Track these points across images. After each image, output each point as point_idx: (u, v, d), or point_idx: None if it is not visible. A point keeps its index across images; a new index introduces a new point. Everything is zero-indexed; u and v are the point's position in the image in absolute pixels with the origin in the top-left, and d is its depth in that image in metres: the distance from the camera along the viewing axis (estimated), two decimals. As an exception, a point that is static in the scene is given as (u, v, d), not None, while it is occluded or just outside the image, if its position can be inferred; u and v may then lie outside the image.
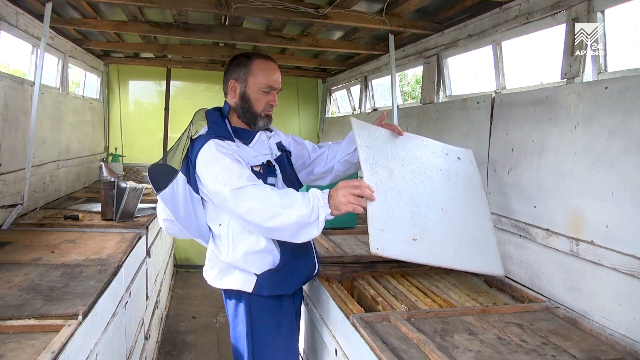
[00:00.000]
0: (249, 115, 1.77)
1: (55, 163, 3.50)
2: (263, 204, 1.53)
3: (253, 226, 1.59)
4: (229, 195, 1.55)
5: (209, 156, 1.62)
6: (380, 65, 4.19)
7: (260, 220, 1.54)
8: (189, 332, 3.87)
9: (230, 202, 1.56)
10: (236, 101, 1.77)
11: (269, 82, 1.75)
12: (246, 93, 1.75)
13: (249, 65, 1.74)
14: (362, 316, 1.66)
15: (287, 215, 1.51)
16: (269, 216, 1.52)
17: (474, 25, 2.66)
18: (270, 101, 1.77)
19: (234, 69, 1.77)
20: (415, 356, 1.40)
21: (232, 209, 1.58)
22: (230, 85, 1.77)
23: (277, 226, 1.53)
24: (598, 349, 1.50)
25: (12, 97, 2.71)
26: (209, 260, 1.79)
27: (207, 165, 1.62)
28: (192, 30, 3.42)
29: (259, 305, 1.73)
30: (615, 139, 1.67)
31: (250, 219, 1.56)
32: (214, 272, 1.76)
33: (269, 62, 1.78)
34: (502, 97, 2.35)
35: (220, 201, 1.62)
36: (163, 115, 5.30)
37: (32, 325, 1.42)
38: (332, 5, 2.70)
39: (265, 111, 1.78)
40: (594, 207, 1.74)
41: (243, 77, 1.74)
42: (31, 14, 2.96)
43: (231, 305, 1.77)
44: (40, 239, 2.38)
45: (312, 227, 1.53)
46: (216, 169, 1.60)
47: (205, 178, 1.63)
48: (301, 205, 1.51)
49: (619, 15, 1.83)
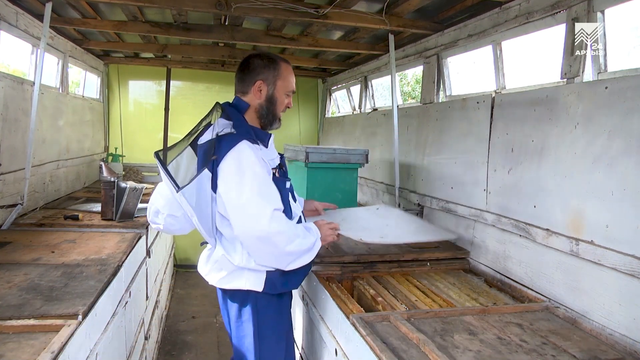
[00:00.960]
0: (270, 116, 1.79)
1: (55, 163, 3.50)
2: (288, 228, 1.62)
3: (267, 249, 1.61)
4: (268, 213, 1.56)
5: (242, 160, 1.60)
6: (380, 65, 4.19)
7: (283, 244, 1.60)
8: (189, 332, 3.87)
9: (261, 219, 1.56)
10: (261, 102, 1.77)
11: (292, 87, 1.82)
12: (274, 95, 1.78)
13: (279, 69, 1.77)
14: (362, 316, 1.66)
15: (301, 242, 1.64)
16: (291, 241, 1.61)
17: (473, 25, 2.66)
18: (288, 104, 1.84)
19: (262, 70, 1.76)
20: (415, 356, 1.40)
21: (257, 225, 1.56)
22: (257, 85, 1.76)
23: (293, 250, 1.63)
24: (598, 348, 1.50)
25: (12, 97, 2.71)
26: (216, 262, 1.74)
27: (238, 170, 1.59)
28: (192, 30, 3.42)
29: (264, 304, 1.74)
30: (615, 139, 1.67)
31: (275, 241, 1.58)
32: (222, 274, 1.74)
33: (290, 67, 1.84)
34: (502, 97, 2.35)
35: (238, 210, 1.59)
36: (163, 115, 5.30)
37: (32, 325, 1.42)
38: (332, 5, 2.70)
39: (281, 113, 1.84)
40: (594, 207, 1.74)
41: (272, 79, 1.76)
42: (31, 13, 2.96)
43: (235, 306, 1.77)
44: (40, 238, 2.38)
45: (310, 254, 1.70)
46: (251, 179, 1.59)
47: (231, 181, 1.59)
48: (308, 234, 1.70)
49: (618, 15, 1.83)
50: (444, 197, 2.83)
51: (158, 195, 1.76)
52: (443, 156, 2.89)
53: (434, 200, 2.93)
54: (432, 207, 2.97)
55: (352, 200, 2.98)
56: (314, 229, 1.75)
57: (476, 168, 2.50)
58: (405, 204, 3.24)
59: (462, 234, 2.61)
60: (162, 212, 1.72)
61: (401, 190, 3.22)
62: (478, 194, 2.48)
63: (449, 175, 2.79)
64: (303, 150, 2.89)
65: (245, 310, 1.74)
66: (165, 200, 1.72)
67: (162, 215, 1.73)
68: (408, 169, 3.34)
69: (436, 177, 2.96)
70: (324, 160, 2.89)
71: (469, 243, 2.54)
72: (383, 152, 3.89)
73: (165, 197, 1.72)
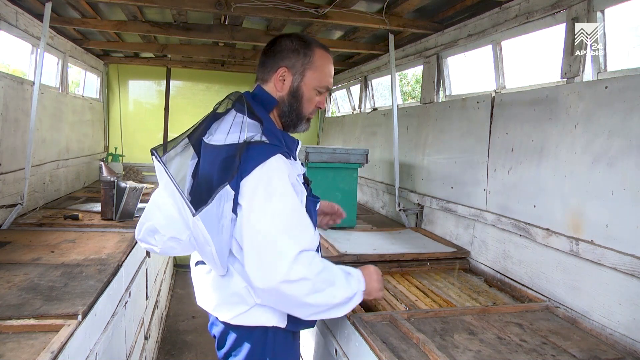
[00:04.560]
0: (293, 116, 1.42)
1: (55, 163, 3.50)
2: (316, 275, 1.26)
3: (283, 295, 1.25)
4: (291, 255, 1.22)
5: (272, 182, 1.26)
6: (380, 65, 4.19)
7: (303, 293, 1.25)
8: (188, 332, 3.87)
9: (281, 261, 1.22)
10: (282, 95, 1.41)
11: (327, 82, 1.43)
12: (300, 89, 1.40)
13: (310, 55, 1.39)
14: (362, 316, 1.66)
15: (333, 292, 1.29)
16: (317, 290, 1.26)
17: (473, 24, 2.66)
18: (319, 103, 1.45)
19: (288, 53, 1.39)
20: (415, 356, 1.40)
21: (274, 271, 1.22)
22: (280, 73, 1.39)
23: (313, 303, 1.27)
24: (598, 348, 1.50)
25: (12, 96, 2.71)
26: (235, 296, 1.37)
27: (264, 193, 1.25)
28: (192, 29, 3.42)
29: (282, 341, 1.45)
30: (615, 139, 1.66)
31: (294, 288, 1.23)
32: (242, 308, 1.37)
33: (329, 56, 1.44)
34: (502, 97, 2.34)
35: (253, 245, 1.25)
36: (163, 114, 5.31)
37: (32, 325, 1.42)
38: (331, 4, 2.70)
39: (311, 114, 1.46)
40: (593, 206, 1.74)
41: (300, 68, 1.38)
42: (31, 13, 2.96)
43: (246, 345, 1.41)
44: (40, 238, 2.38)
45: (344, 309, 1.34)
46: (279, 208, 1.25)
47: (253, 206, 1.25)
48: (346, 283, 1.33)
49: (618, 15, 1.83)
50: (444, 196, 2.83)
51: (156, 211, 1.36)
52: (443, 156, 2.89)
53: (434, 200, 2.93)
54: (432, 207, 2.96)
55: (352, 200, 2.98)
56: (356, 276, 1.38)
57: (476, 168, 2.50)
58: (405, 203, 3.24)
59: (461, 234, 2.61)
60: (162, 234, 1.34)
61: (401, 190, 3.22)
62: (478, 194, 2.48)
63: (449, 175, 2.79)
64: (303, 150, 2.89)
65: (260, 351, 1.42)
66: (165, 219, 1.33)
67: (160, 237, 1.35)
68: (408, 169, 3.34)
69: (436, 176, 2.96)
70: (324, 160, 2.89)
71: (468, 243, 2.54)
72: (383, 151, 3.89)
73: (165, 214, 1.34)
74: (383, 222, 3.41)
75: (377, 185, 3.93)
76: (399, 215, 3.21)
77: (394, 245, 2.56)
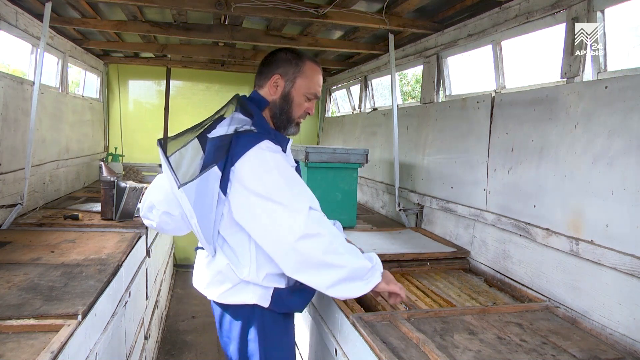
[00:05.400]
0: (283, 118, 1.60)
1: (55, 163, 3.50)
2: (332, 236, 1.39)
3: (302, 255, 1.37)
4: (304, 211, 1.36)
5: (266, 157, 1.42)
6: (380, 65, 4.19)
7: (320, 250, 1.37)
8: (188, 332, 3.87)
9: (296, 218, 1.35)
10: (275, 99, 1.59)
11: (315, 90, 1.61)
12: (290, 94, 1.58)
13: (301, 65, 1.58)
14: (362, 316, 1.66)
15: (348, 259, 1.40)
16: (332, 250, 1.38)
17: (473, 24, 2.66)
18: (308, 109, 1.63)
19: (282, 63, 1.58)
20: (415, 356, 1.40)
21: (293, 226, 1.35)
22: (274, 79, 1.58)
23: (333, 262, 1.37)
24: (598, 348, 1.50)
25: (12, 96, 2.71)
26: (219, 274, 1.52)
27: (261, 167, 1.41)
28: (192, 29, 3.42)
29: (271, 322, 1.55)
30: (615, 139, 1.66)
31: (310, 244, 1.36)
32: (225, 287, 1.52)
33: (318, 68, 1.63)
34: (502, 97, 2.34)
35: (266, 211, 1.38)
36: (163, 114, 5.31)
37: (32, 325, 1.42)
38: (331, 4, 2.70)
39: (300, 118, 1.63)
40: (593, 206, 1.74)
41: (291, 75, 1.58)
42: (31, 13, 2.95)
43: (238, 324, 1.56)
44: (40, 238, 2.38)
45: (360, 285, 1.42)
46: (278, 177, 1.41)
47: (253, 180, 1.40)
48: (364, 258, 1.44)
49: (618, 15, 1.83)
50: (444, 196, 2.83)
51: (155, 189, 1.57)
52: (443, 156, 2.89)
53: (433, 199, 2.93)
54: (432, 207, 2.96)
55: (352, 200, 2.98)
56: (375, 257, 1.49)
57: (476, 168, 2.50)
58: (405, 203, 3.24)
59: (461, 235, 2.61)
60: (158, 208, 1.53)
61: (401, 190, 3.22)
62: (478, 194, 2.48)
63: (449, 175, 2.79)
64: (303, 150, 2.89)
65: (251, 330, 1.54)
66: (163, 195, 1.53)
67: (156, 212, 1.54)
68: (408, 169, 3.34)
69: (436, 176, 2.96)
70: (324, 160, 2.89)
71: (468, 243, 2.54)
72: (383, 151, 3.89)
73: (163, 192, 1.53)
74: (383, 222, 3.41)
75: (377, 185, 3.93)
76: (399, 215, 3.21)
77: (393, 245, 2.56)
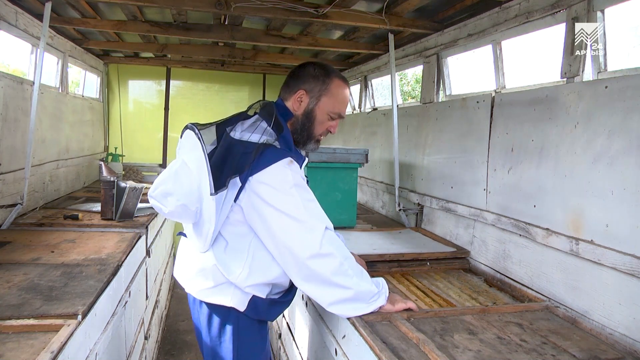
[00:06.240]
0: (304, 134, 1.60)
1: (54, 163, 3.50)
2: (343, 258, 1.44)
3: (312, 271, 1.42)
4: (320, 230, 1.41)
5: (288, 174, 1.44)
6: (380, 65, 4.19)
7: (330, 270, 1.41)
8: (188, 332, 3.87)
9: (312, 236, 1.40)
10: (297, 114, 1.59)
11: (340, 110, 1.60)
12: (314, 112, 1.58)
13: (328, 83, 1.57)
14: (362, 316, 1.65)
15: (356, 282, 1.45)
16: (342, 272, 1.43)
17: (473, 24, 2.66)
18: (330, 127, 1.62)
19: (308, 79, 1.57)
20: (415, 356, 1.40)
21: (307, 243, 1.40)
22: (298, 94, 1.58)
23: (340, 283, 1.43)
24: (598, 348, 1.50)
25: (12, 96, 2.71)
26: (203, 271, 1.54)
27: (283, 185, 1.43)
28: (192, 29, 3.42)
29: (246, 327, 1.58)
30: (615, 138, 1.66)
31: (322, 263, 1.41)
32: (207, 284, 1.54)
33: (346, 88, 1.61)
34: (502, 97, 2.34)
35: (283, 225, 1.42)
36: (163, 114, 5.31)
37: (32, 325, 1.42)
38: (331, 4, 2.70)
39: (321, 136, 1.63)
40: (593, 206, 1.74)
41: (317, 93, 1.57)
42: (31, 13, 2.95)
43: (217, 321, 1.59)
44: (40, 238, 2.38)
45: (363, 306, 1.51)
46: (297, 195, 1.43)
47: (275, 196, 1.43)
48: (371, 283, 1.51)
49: (618, 15, 1.83)
50: (444, 196, 2.83)
51: (175, 177, 1.47)
52: (443, 156, 2.89)
53: (433, 199, 2.93)
54: (431, 207, 2.96)
55: (352, 200, 2.98)
56: (382, 282, 1.55)
57: (476, 167, 2.50)
58: (405, 203, 3.24)
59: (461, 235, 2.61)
60: (177, 199, 1.44)
61: (401, 190, 3.22)
62: (478, 194, 2.48)
63: (449, 175, 2.79)
64: (303, 150, 2.89)
65: (226, 329, 1.57)
66: (187, 188, 1.45)
67: (173, 201, 1.44)
68: (408, 169, 3.34)
69: (436, 176, 2.96)
70: (324, 160, 2.89)
71: (468, 243, 2.54)
72: (383, 151, 3.89)
73: (186, 186, 1.45)
74: (383, 222, 3.41)
75: (377, 185, 3.93)
76: (399, 215, 3.21)
77: (393, 245, 2.56)
